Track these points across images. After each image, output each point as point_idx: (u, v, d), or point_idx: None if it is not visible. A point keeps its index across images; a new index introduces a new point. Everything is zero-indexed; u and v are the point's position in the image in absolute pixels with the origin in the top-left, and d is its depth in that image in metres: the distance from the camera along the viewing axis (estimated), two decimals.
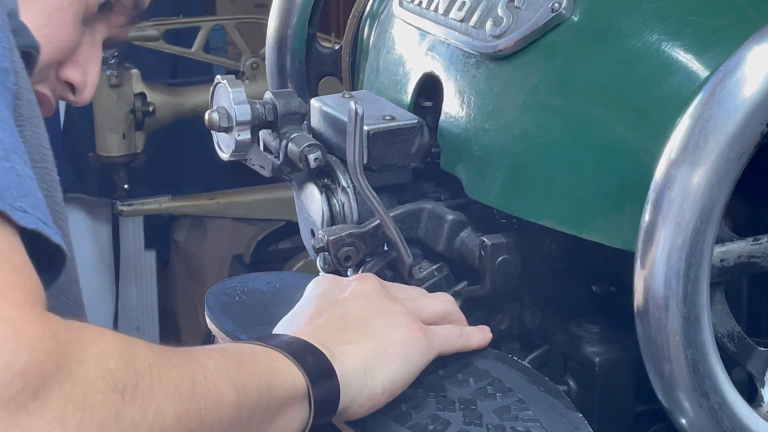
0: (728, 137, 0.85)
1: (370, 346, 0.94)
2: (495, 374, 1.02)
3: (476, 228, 1.11)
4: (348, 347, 0.93)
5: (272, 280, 1.23)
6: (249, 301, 1.19)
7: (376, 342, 0.95)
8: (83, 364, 0.70)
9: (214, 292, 1.20)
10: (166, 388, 0.75)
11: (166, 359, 0.77)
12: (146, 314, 3.24)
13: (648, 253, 0.88)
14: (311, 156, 1.13)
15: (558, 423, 0.97)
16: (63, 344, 0.69)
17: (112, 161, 2.81)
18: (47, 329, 0.69)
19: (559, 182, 1.02)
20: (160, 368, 0.75)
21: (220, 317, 1.15)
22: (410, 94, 1.18)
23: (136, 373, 0.73)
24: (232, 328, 1.14)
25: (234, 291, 1.21)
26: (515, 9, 1.07)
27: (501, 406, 0.98)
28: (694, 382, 0.89)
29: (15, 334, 0.68)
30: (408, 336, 0.96)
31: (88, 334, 0.72)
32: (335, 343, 0.93)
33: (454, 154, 1.11)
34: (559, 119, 1.02)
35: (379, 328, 0.96)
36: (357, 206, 1.13)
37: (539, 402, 0.99)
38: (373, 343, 0.94)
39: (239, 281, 1.23)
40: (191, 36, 2.85)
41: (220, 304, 1.18)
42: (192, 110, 2.80)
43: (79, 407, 0.69)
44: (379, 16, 1.29)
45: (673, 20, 1.00)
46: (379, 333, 0.95)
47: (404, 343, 0.95)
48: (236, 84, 1.14)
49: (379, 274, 1.13)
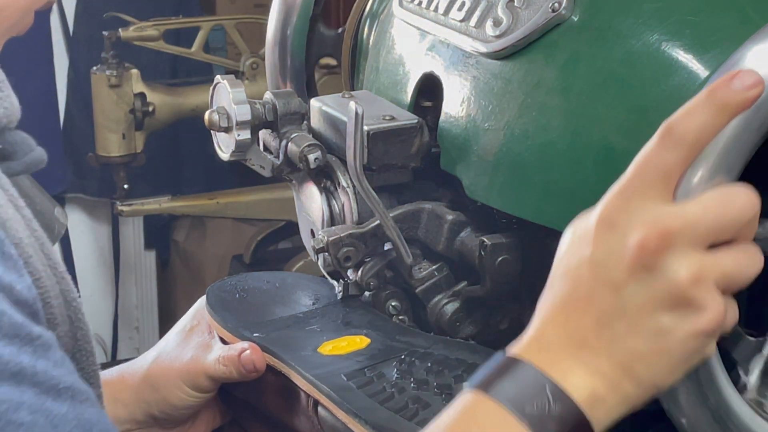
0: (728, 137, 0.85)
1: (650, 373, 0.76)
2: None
3: (476, 228, 1.11)
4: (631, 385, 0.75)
5: (272, 280, 1.24)
6: (249, 299, 1.19)
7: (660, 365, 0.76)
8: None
9: (214, 290, 1.20)
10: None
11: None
12: (146, 314, 3.24)
13: None
14: (311, 156, 1.13)
15: None
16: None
17: (112, 161, 2.81)
18: None
19: (559, 182, 1.02)
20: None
21: (221, 313, 1.16)
22: (410, 94, 1.18)
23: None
24: (233, 324, 1.14)
25: (234, 288, 1.21)
26: (515, 9, 1.07)
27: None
28: (694, 382, 0.89)
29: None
30: (695, 349, 0.76)
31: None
32: (623, 379, 0.75)
33: (454, 154, 1.11)
34: (559, 119, 1.02)
35: (673, 347, 0.75)
36: (357, 206, 1.13)
37: None
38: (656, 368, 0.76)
39: (239, 279, 1.23)
40: (191, 36, 2.85)
41: (221, 300, 1.18)
42: (192, 110, 2.80)
43: None
44: (379, 16, 1.29)
45: (673, 20, 1.00)
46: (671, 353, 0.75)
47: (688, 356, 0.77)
48: (236, 84, 1.14)
49: (379, 273, 1.13)
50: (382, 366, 1.05)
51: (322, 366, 1.05)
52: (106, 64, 2.75)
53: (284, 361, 1.08)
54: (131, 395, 1.17)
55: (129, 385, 1.18)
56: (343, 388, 1.02)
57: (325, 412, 1.03)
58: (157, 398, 1.16)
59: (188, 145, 3.07)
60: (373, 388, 1.01)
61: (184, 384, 1.15)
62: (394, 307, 1.14)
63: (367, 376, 1.03)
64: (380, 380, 1.02)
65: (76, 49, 2.97)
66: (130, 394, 1.17)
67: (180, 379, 1.15)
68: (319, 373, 1.04)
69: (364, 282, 1.13)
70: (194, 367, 1.14)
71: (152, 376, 1.17)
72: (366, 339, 1.10)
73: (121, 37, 2.74)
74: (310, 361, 1.07)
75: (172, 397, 1.16)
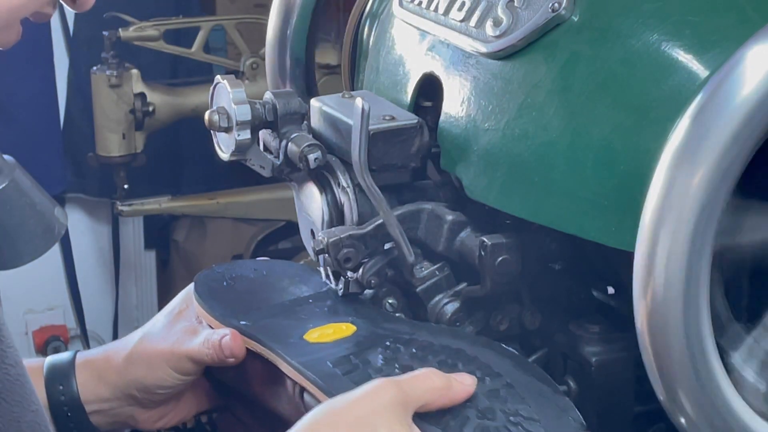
0: (728, 137, 0.85)
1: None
2: (483, 360, 1.03)
3: (476, 228, 1.11)
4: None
5: (260, 268, 1.24)
6: (237, 287, 1.20)
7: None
8: None
9: (202, 277, 1.21)
10: None
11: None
12: (146, 314, 3.24)
13: (648, 254, 0.88)
14: (311, 156, 1.13)
15: (546, 406, 0.98)
16: None
17: (112, 161, 2.81)
18: None
19: (559, 182, 1.02)
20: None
21: (209, 302, 1.17)
22: (410, 94, 1.18)
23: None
24: (221, 312, 1.15)
25: (222, 276, 1.22)
26: (515, 9, 1.07)
27: (490, 389, 0.99)
28: (694, 382, 0.89)
29: None
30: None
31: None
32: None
33: (454, 154, 1.11)
34: (559, 119, 1.02)
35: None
36: (357, 207, 1.13)
37: (527, 386, 1.00)
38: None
39: (227, 267, 1.24)
40: (191, 36, 2.85)
41: (209, 289, 1.19)
42: (192, 110, 2.80)
43: None
44: (379, 16, 1.30)
45: (673, 20, 1.00)
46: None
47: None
48: (236, 84, 1.14)
49: (380, 272, 1.13)
50: (367, 353, 1.06)
51: (308, 353, 1.06)
52: (106, 64, 2.75)
53: (271, 349, 1.09)
54: (114, 374, 1.19)
55: (113, 363, 1.19)
56: (329, 374, 1.03)
57: (311, 398, 1.04)
58: (139, 378, 1.18)
59: (188, 145, 3.07)
60: (359, 374, 1.02)
61: (167, 365, 1.16)
62: (390, 304, 1.14)
63: (353, 362, 1.04)
64: (365, 367, 1.04)
65: (76, 49, 2.97)
66: (114, 372, 1.19)
67: (163, 360, 1.16)
68: (305, 361, 1.05)
69: (365, 280, 1.13)
70: (178, 349, 1.16)
71: (136, 355, 1.18)
72: (352, 326, 1.11)
73: (121, 37, 2.74)
74: (297, 348, 1.08)
75: (154, 378, 1.17)
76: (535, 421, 0.96)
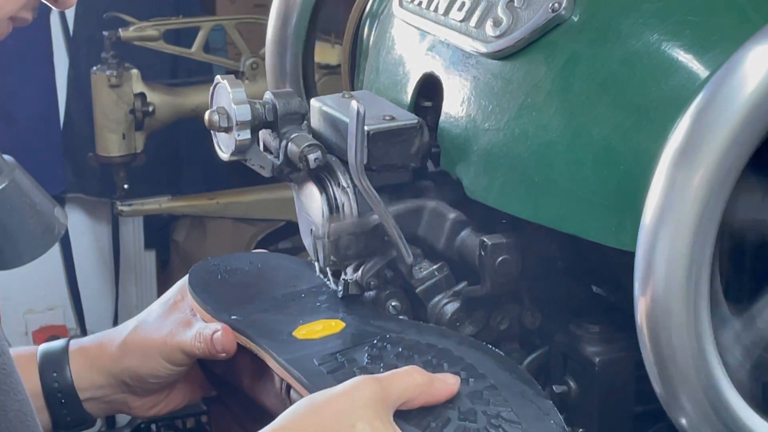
0: (728, 137, 0.85)
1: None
2: (468, 360, 1.03)
3: (476, 228, 1.11)
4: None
5: (254, 261, 1.25)
6: (231, 280, 1.21)
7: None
8: None
9: (196, 270, 1.21)
10: None
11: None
12: None
13: (648, 254, 0.88)
14: (311, 156, 1.13)
15: (528, 408, 0.98)
16: None
17: (112, 161, 2.81)
18: None
19: (559, 182, 1.02)
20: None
21: (203, 295, 1.17)
22: (410, 94, 1.18)
23: None
24: (213, 306, 1.15)
25: (216, 269, 1.22)
26: (515, 9, 1.07)
27: (473, 390, 0.99)
28: (694, 382, 0.89)
29: None
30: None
31: None
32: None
33: (454, 154, 1.11)
34: (559, 119, 1.02)
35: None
36: (357, 206, 1.13)
37: (511, 388, 1.00)
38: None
39: (222, 260, 1.24)
40: (191, 36, 2.85)
41: (203, 282, 1.19)
42: (192, 110, 2.80)
43: None
44: (379, 16, 1.30)
45: (673, 20, 1.00)
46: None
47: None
48: (236, 84, 1.14)
49: (380, 273, 1.13)
50: (353, 351, 1.06)
51: (295, 350, 1.07)
52: (106, 64, 2.75)
53: (260, 345, 1.10)
54: (108, 361, 1.20)
55: (106, 352, 1.20)
56: (315, 373, 1.04)
57: (296, 396, 1.04)
58: (132, 366, 1.19)
59: (188, 145, 3.07)
60: (344, 373, 1.03)
61: (159, 356, 1.18)
62: (394, 307, 1.14)
63: (339, 361, 1.05)
64: (351, 365, 1.04)
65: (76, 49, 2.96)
66: (108, 360, 1.20)
67: (156, 350, 1.18)
68: (291, 358, 1.06)
69: (364, 282, 1.13)
70: (171, 340, 1.17)
71: (129, 344, 1.19)
72: (341, 323, 1.12)
73: (121, 37, 2.74)
74: (284, 345, 1.09)
75: (146, 367, 1.18)
76: (516, 424, 0.96)
